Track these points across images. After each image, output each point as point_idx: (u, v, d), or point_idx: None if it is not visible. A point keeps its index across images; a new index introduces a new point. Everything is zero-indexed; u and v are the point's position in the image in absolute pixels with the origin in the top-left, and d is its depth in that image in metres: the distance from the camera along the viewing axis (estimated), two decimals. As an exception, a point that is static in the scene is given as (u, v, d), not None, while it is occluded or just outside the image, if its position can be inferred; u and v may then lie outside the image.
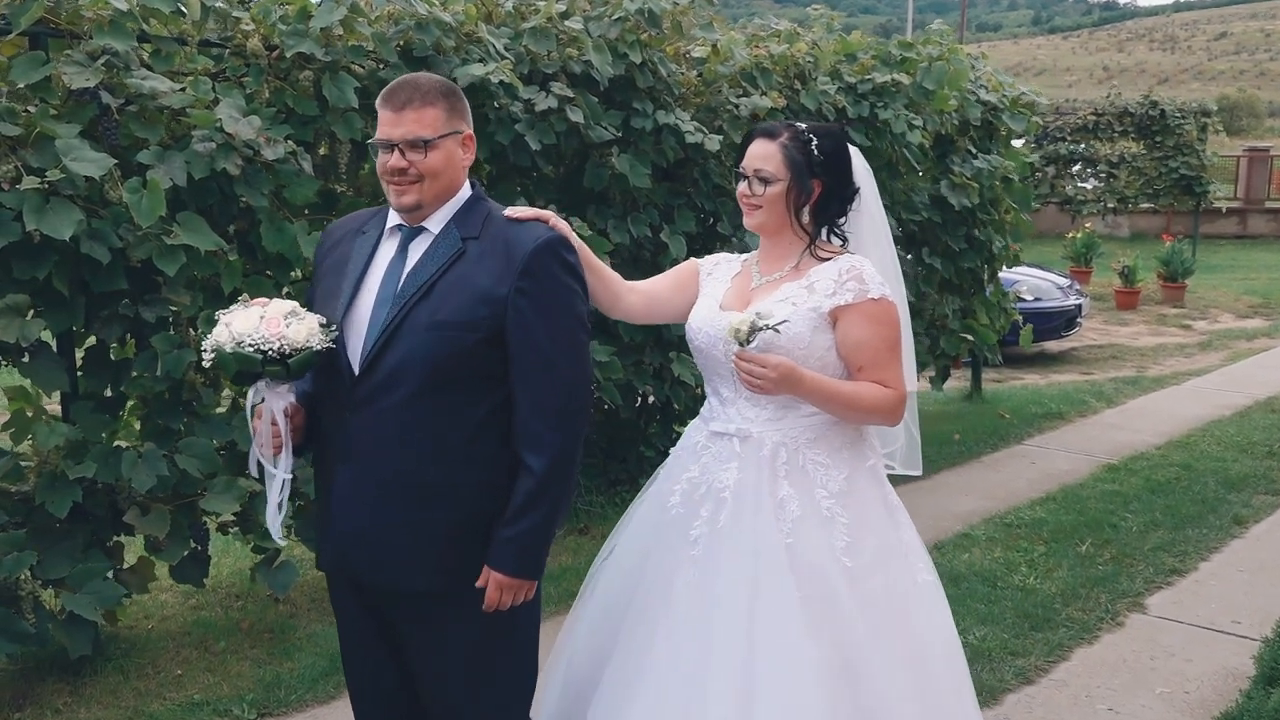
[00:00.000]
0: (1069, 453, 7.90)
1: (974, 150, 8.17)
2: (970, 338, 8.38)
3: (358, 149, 4.96)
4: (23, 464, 4.13)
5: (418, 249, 2.65)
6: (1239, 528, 6.30)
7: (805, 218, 2.95)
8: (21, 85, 3.94)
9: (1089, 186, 21.87)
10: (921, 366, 8.07)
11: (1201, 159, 21.00)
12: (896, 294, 3.02)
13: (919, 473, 3.40)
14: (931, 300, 8.02)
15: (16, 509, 4.07)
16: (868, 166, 3.09)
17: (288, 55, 4.47)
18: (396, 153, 2.57)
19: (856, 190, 3.02)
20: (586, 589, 3.39)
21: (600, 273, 3.20)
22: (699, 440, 3.07)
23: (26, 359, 4.04)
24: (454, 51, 4.98)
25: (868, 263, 2.91)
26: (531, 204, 5.35)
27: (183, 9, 4.31)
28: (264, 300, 2.62)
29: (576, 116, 5.19)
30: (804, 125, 2.98)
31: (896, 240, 7.51)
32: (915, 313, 7.94)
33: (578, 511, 6.14)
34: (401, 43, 4.89)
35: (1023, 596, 5.24)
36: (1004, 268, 8.87)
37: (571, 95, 5.19)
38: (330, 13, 4.49)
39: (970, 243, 8.15)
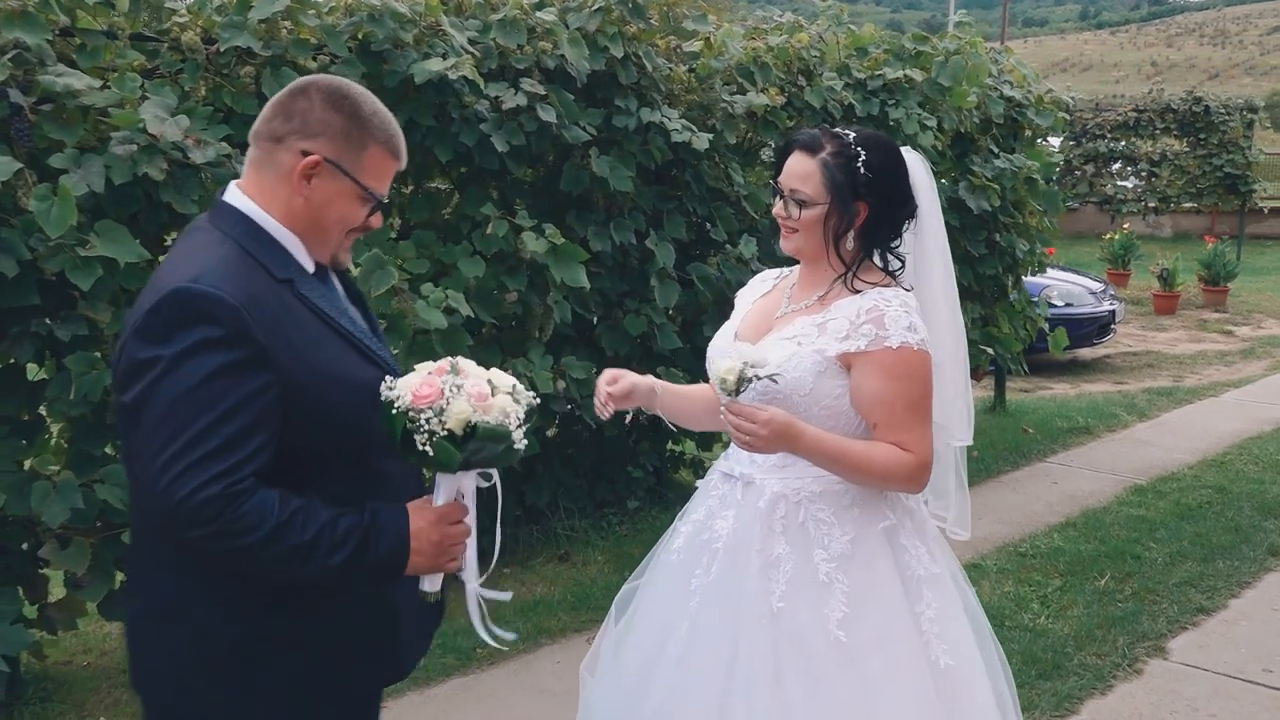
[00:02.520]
0: (1094, 472, 7.43)
1: (996, 150, 7.70)
2: (990, 349, 7.91)
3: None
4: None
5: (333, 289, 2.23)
6: (1275, 559, 5.82)
7: (850, 244, 2.59)
8: (-78, 82, 3.62)
9: (1129, 185, 21.24)
10: (938, 379, 7.63)
11: (1247, 156, 20.30)
12: (948, 333, 2.72)
13: (967, 535, 3.03)
14: (949, 309, 7.56)
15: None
16: (931, 179, 2.72)
17: (223, 49, 4.11)
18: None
19: (913, 210, 2.64)
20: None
21: (685, 394, 2.89)
22: (714, 479, 2.79)
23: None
24: (414, 45, 4.61)
25: (900, 300, 2.52)
26: (508, 211, 5.00)
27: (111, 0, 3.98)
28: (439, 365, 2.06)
29: (548, 115, 4.80)
30: (851, 134, 2.57)
31: (910, 246, 7.17)
32: (931, 322, 7.50)
33: (557, 537, 5.77)
34: (359, 36, 4.53)
35: (1031, 639, 4.80)
36: (1029, 273, 8.39)
37: (543, 92, 4.80)
38: (271, 4, 4.13)
39: (991, 248, 7.70)
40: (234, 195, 2.08)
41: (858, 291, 2.56)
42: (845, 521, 2.56)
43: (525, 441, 2.05)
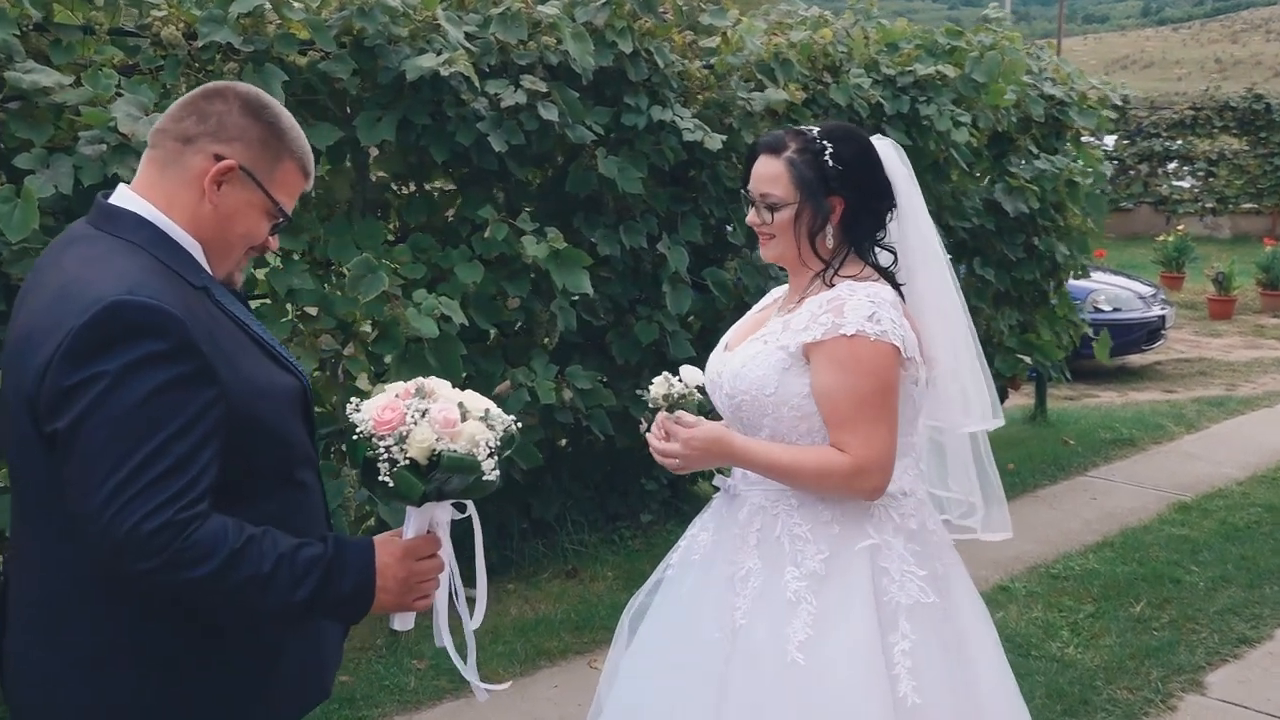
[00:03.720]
0: (1137, 487, 7.09)
1: (1036, 150, 7.38)
2: (1027, 357, 7.60)
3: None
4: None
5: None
6: (1327, 586, 5.48)
7: (829, 241, 2.47)
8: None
9: (1186, 185, 20.69)
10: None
11: (1311, 156, 19.71)
12: (939, 323, 2.55)
13: (1008, 534, 2.86)
14: (985, 315, 7.27)
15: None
16: (907, 163, 2.58)
17: (199, 43, 3.93)
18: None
19: (893, 201, 2.52)
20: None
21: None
22: (717, 493, 2.69)
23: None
24: (409, 41, 4.40)
25: (868, 291, 2.39)
26: (511, 213, 4.80)
27: (89, -7, 3.82)
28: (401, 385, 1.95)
29: (550, 114, 4.58)
30: (815, 130, 2.46)
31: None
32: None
33: (565, 551, 5.55)
34: (354, 31, 4.33)
35: (1058, 670, 4.52)
36: (1071, 277, 8.06)
37: (545, 89, 4.58)
38: (252, -2, 3.94)
39: (1029, 252, 7.39)
40: (128, 199, 1.91)
41: (837, 284, 2.44)
42: (822, 538, 2.41)
43: (498, 472, 1.89)
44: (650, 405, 2.48)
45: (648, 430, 2.53)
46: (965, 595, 2.58)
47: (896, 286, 2.50)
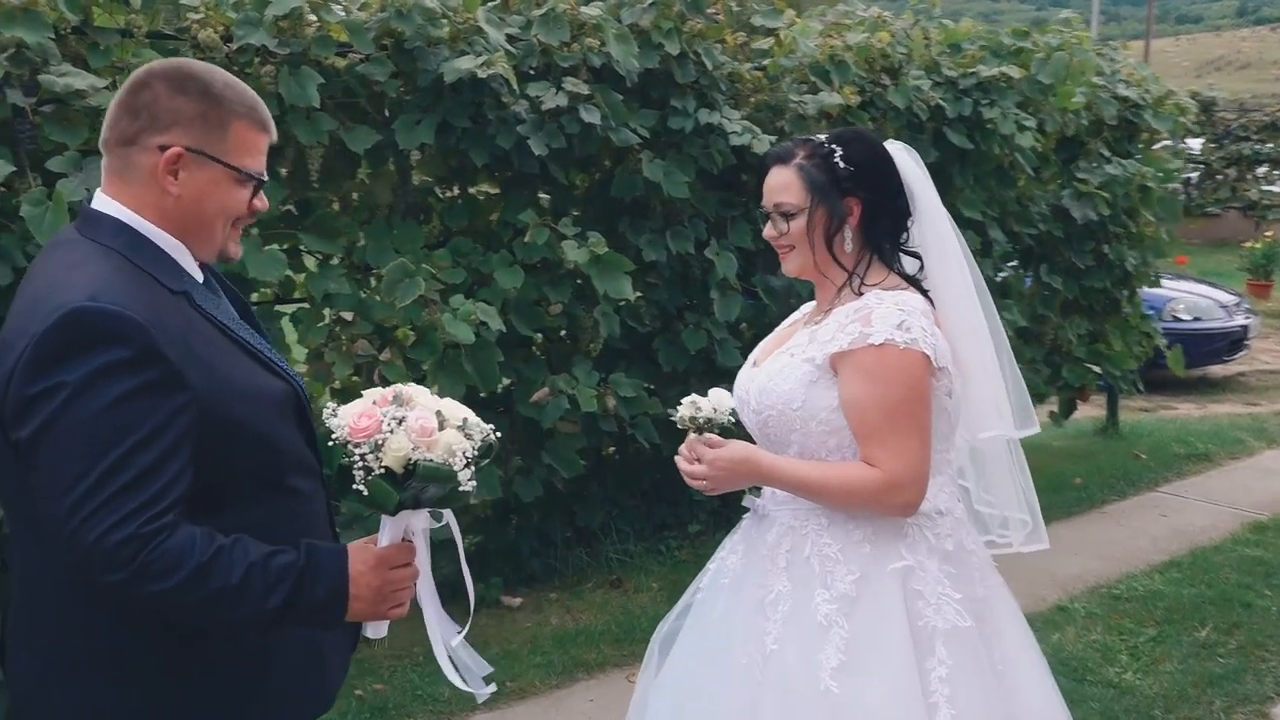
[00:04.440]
0: (1210, 504, 6.82)
1: (1107, 154, 7.14)
2: (1096, 367, 7.35)
3: (342, 155, 4.40)
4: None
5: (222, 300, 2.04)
6: None
7: (848, 246, 2.39)
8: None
9: (1276, 190, 20.05)
10: (1040, 399, 7.13)
11: None
12: (974, 326, 2.47)
13: (1045, 545, 2.74)
14: (1052, 324, 7.06)
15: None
16: (922, 165, 2.50)
17: (234, 46, 3.91)
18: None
19: (907, 199, 2.45)
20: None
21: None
22: (746, 514, 2.61)
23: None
24: (449, 43, 4.35)
25: (896, 299, 2.30)
26: (556, 218, 4.73)
27: (127, -2, 3.82)
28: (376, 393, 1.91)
29: (592, 116, 4.50)
30: (822, 136, 2.41)
31: (1009, 257, 6.69)
32: (1033, 338, 7.02)
33: (609, 561, 5.46)
34: (393, 33, 4.29)
35: (1114, 697, 4.33)
36: (1144, 286, 7.80)
37: (587, 92, 4.50)
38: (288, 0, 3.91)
39: (1099, 260, 7.15)
40: (105, 203, 1.87)
41: (865, 293, 2.36)
42: (853, 559, 2.31)
43: (475, 483, 1.83)
44: (679, 426, 2.41)
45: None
46: (1009, 618, 2.48)
47: (925, 294, 2.41)
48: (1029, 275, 7.09)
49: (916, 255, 2.46)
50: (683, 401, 2.43)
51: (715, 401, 2.38)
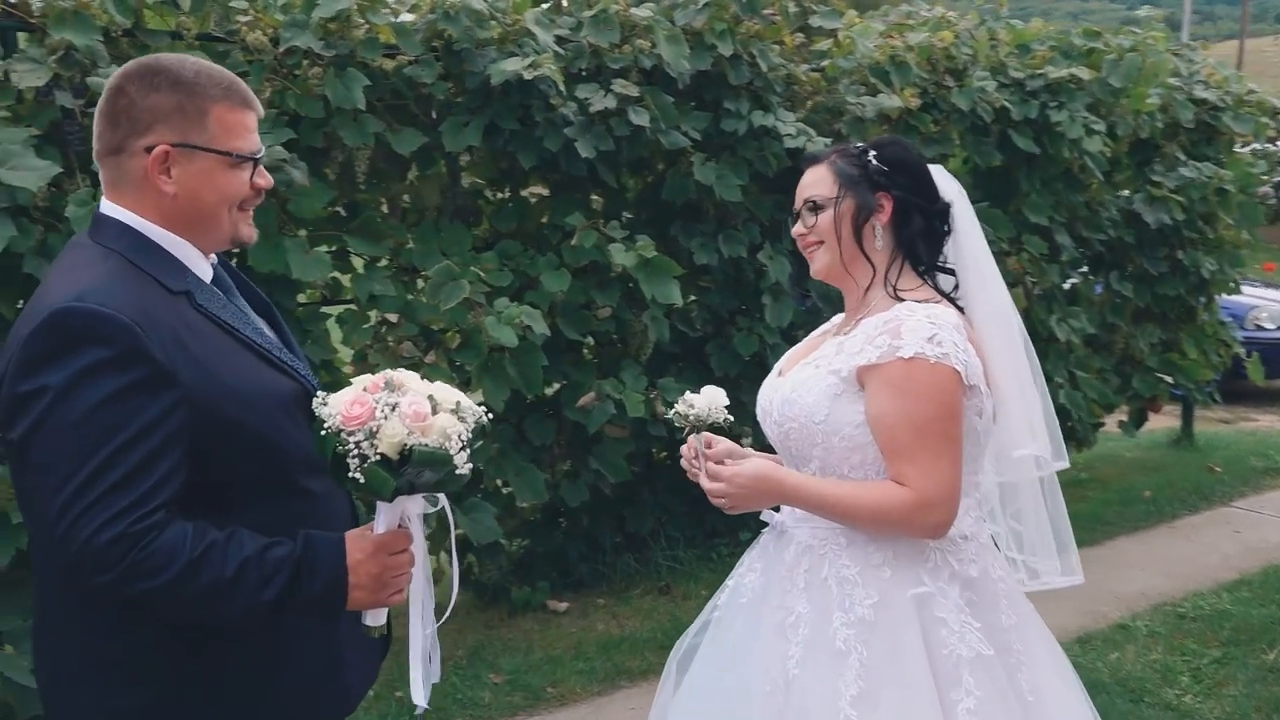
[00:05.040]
0: (1287, 520, 6.60)
1: (1183, 157, 6.93)
2: (1169, 377, 7.14)
3: (391, 157, 4.41)
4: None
5: (236, 298, 2.04)
6: None
7: (878, 242, 2.31)
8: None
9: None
10: (1110, 409, 6.95)
11: None
12: (1010, 352, 2.37)
13: (1080, 579, 2.58)
14: (1122, 333, 6.87)
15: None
16: (959, 188, 2.43)
17: (281, 48, 3.93)
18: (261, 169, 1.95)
19: (945, 209, 2.36)
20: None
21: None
22: (765, 529, 2.52)
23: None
24: (497, 44, 4.34)
25: (929, 312, 2.20)
26: (608, 221, 4.70)
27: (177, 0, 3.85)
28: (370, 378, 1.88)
29: (641, 119, 4.45)
30: (860, 143, 2.37)
31: (1076, 263, 6.52)
32: (1102, 346, 6.84)
33: (659, 567, 5.41)
34: (443, 36, 4.29)
35: (1173, 720, 4.19)
36: (1223, 293, 7.56)
37: (637, 94, 4.46)
38: (335, 2, 3.92)
39: (1173, 266, 6.94)
40: (110, 207, 1.88)
41: (900, 301, 2.26)
42: (871, 582, 2.22)
43: (470, 465, 1.81)
44: (677, 425, 2.35)
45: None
46: (1041, 646, 2.37)
47: (961, 310, 2.33)
48: (1099, 282, 6.91)
49: (951, 272, 2.38)
50: (681, 397, 2.37)
51: (709, 400, 2.31)
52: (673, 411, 2.35)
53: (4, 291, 3.55)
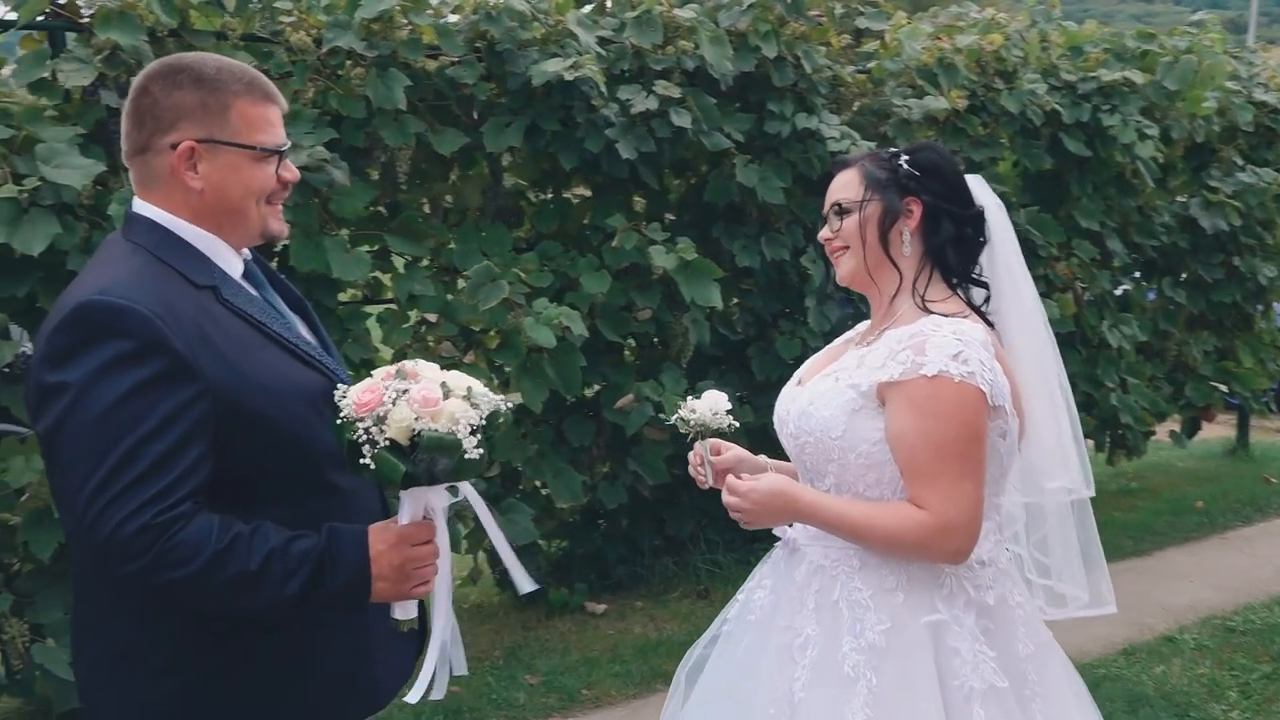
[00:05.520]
0: (1345, 534, 6.45)
1: (1241, 162, 6.80)
2: (1224, 386, 7.01)
3: (433, 157, 4.42)
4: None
5: (268, 294, 2.05)
6: None
7: (906, 248, 2.20)
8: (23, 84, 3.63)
9: None
10: (1162, 417, 6.83)
11: None
12: (1043, 373, 2.31)
13: (1111, 609, 2.50)
14: (1175, 340, 6.75)
15: (4, 545, 3.73)
16: (998, 201, 2.32)
17: (324, 49, 3.96)
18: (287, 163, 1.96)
19: (978, 216, 2.25)
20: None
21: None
22: (778, 544, 2.42)
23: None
24: (540, 45, 4.34)
25: (955, 328, 2.09)
26: (648, 222, 4.69)
27: (222, 0, 3.89)
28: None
29: (682, 120, 4.43)
30: (895, 148, 2.29)
31: (1128, 269, 6.42)
32: (1155, 353, 6.73)
33: (698, 571, 5.39)
34: (485, 36, 4.30)
35: (1217, 737, 4.10)
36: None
37: (678, 95, 4.44)
38: (378, 2, 3.94)
39: (1229, 273, 6.81)
40: (141, 205, 1.90)
41: (928, 314, 2.15)
42: (884, 607, 2.13)
43: (481, 451, 1.78)
44: (681, 430, 2.29)
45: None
46: (1061, 675, 2.29)
47: (991, 326, 2.24)
48: (1151, 288, 6.79)
49: (985, 285, 2.28)
50: (690, 402, 2.30)
51: (710, 404, 2.25)
52: (675, 418, 2.28)
53: (48, 288, 3.59)
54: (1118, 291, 6.48)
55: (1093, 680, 4.43)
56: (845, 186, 2.26)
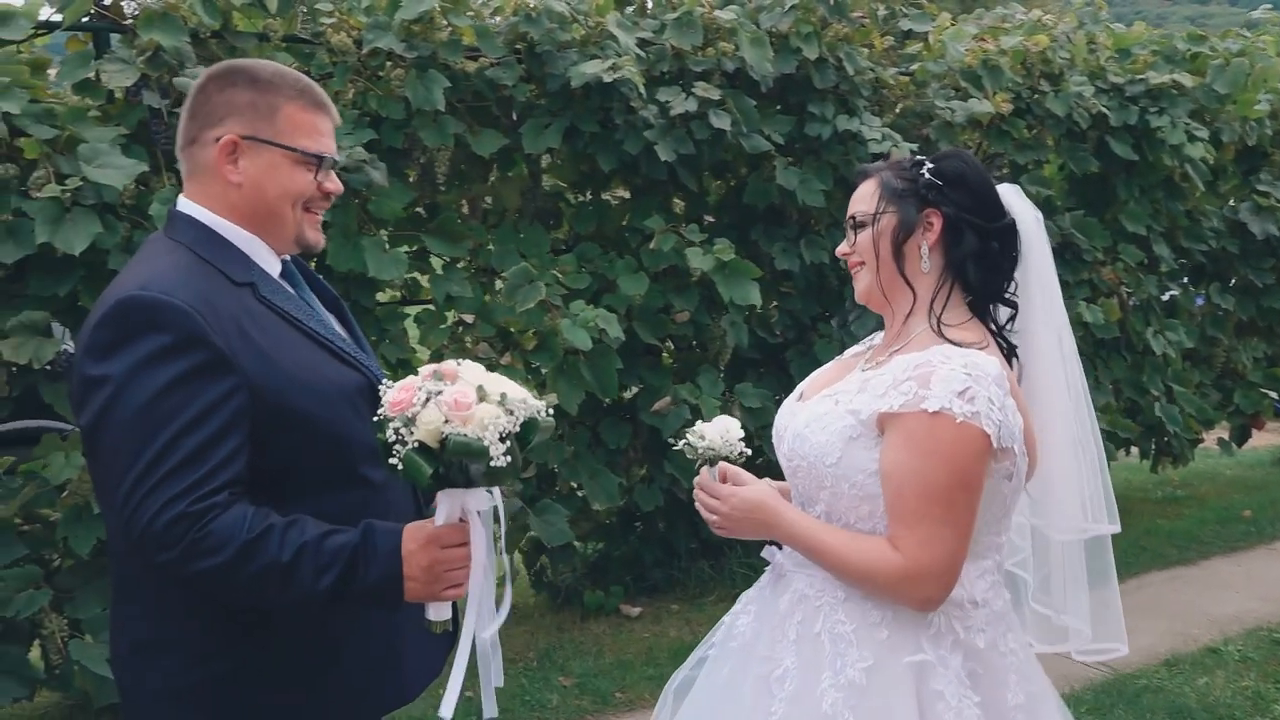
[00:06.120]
0: (1397, 546, 6.31)
1: (1294, 165, 6.68)
2: (1273, 393, 6.89)
3: (472, 158, 4.43)
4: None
5: (305, 293, 2.07)
6: None
7: (925, 263, 2.05)
8: (66, 85, 3.67)
9: None
10: (1210, 424, 6.72)
11: None
12: (1069, 403, 2.13)
13: (1124, 650, 2.35)
14: (1224, 346, 6.64)
15: (44, 541, 3.77)
16: (1036, 213, 2.15)
17: (364, 50, 3.98)
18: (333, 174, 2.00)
19: (1008, 225, 2.09)
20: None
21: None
22: (767, 568, 2.29)
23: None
24: (578, 47, 4.34)
25: (966, 361, 1.94)
26: (688, 224, 4.68)
27: (264, 2, 3.91)
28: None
29: (721, 122, 4.41)
30: (921, 156, 2.16)
31: (1175, 274, 6.32)
32: (1202, 360, 6.62)
33: (734, 575, 5.35)
34: (524, 38, 4.30)
35: (1261, 751, 4.03)
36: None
37: (718, 97, 4.42)
38: (418, 4, 3.95)
39: (1280, 278, 6.70)
40: (184, 203, 1.95)
41: (946, 340, 2.00)
42: (867, 643, 1.99)
43: (508, 459, 1.75)
44: (689, 456, 2.16)
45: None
46: None
47: (1011, 349, 2.10)
48: (1199, 294, 6.69)
49: (1013, 304, 2.12)
50: (696, 427, 2.16)
51: (720, 430, 2.13)
52: (682, 443, 2.15)
53: (90, 287, 3.63)
54: (1164, 297, 6.38)
55: (1134, 691, 4.38)
56: (862, 198, 2.13)
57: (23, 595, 3.61)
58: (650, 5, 4.71)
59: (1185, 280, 6.67)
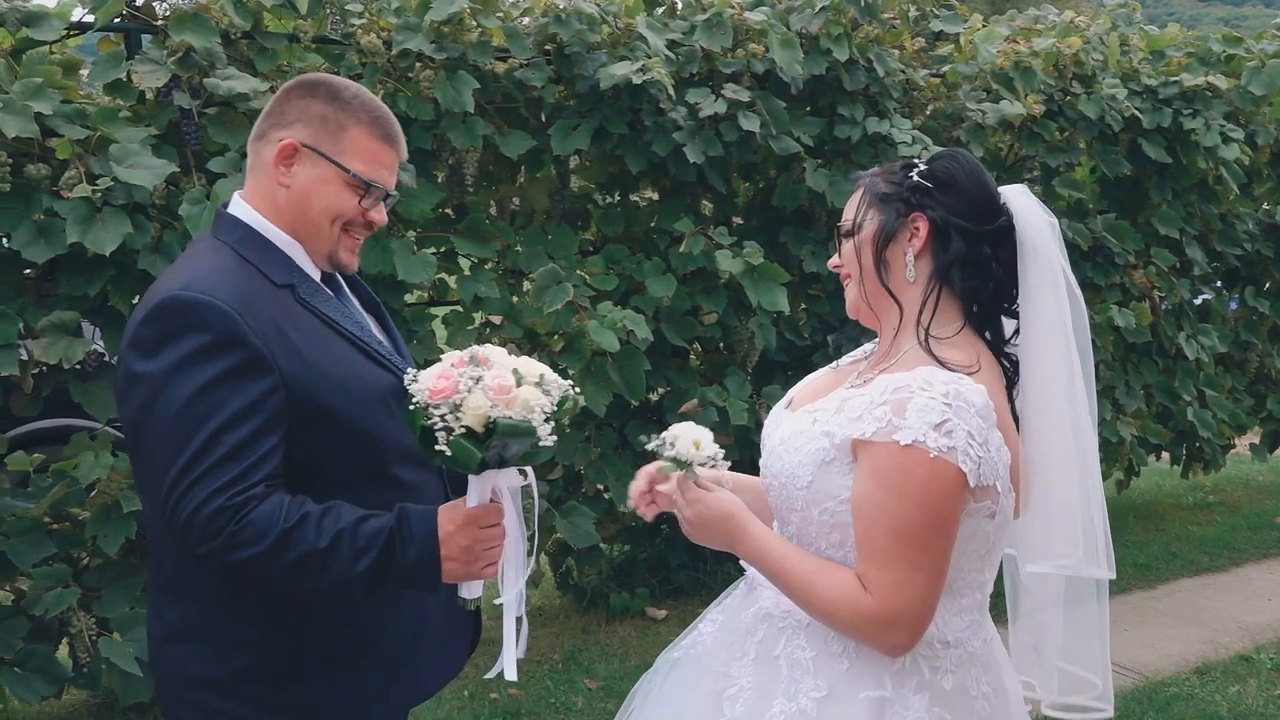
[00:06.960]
0: None
1: (1330, 168, 6.61)
2: (1308, 400, 6.82)
3: (500, 159, 4.43)
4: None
5: (344, 295, 2.13)
6: None
7: (910, 272, 1.90)
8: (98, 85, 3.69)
9: None
10: (1243, 430, 6.66)
11: None
12: (1056, 427, 1.91)
13: (1109, 712, 2.10)
14: (1257, 351, 6.57)
15: (73, 540, 3.79)
16: (1047, 216, 1.95)
17: (394, 51, 3.98)
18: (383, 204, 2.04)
19: (1001, 227, 1.91)
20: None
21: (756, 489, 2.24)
22: (742, 576, 2.19)
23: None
24: (607, 48, 4.33)
25: (948, 390, 1.79)
26: (716, 226, 4.67)
27: (294, 3, 3.91)
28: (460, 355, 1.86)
29: (750, 124, 4.39)
30: (913, 159, 2.02)
31: (1208, 278, 6.26)
32: (1235, 365, 6.55)
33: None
34: (554, 39, 4.29)
35: (1294, 762, 3.98)
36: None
37: (747, 99, 4.40)
38: (449, 5, 3.95)
39: (1316, 282, 6.63)
40: (234, 203, 2.01)
41: (934, 358, 1.85)
42: (824, 672, 1.88)
43: (555, 437, 1.82)
44: (658, 460, 2.02)
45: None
46: None
47: (1015, 370, 1.94)
48: (1233, 298, 6.62)
49: (1014, 315, 1.95)
50: (669, 431, 1.99)
51: (693, 436, 1.96)
52: (651, 444, 1.98)
53: (120, 287, 3.65)
54: (1197, 301, 6.33)
55: (1164, 699, 4.34)
56: (849, 205, 2.00)
57: (52, 594, 3.63)
58: (680, 6, 4.69)
59: (1218, 284, 6.60)
